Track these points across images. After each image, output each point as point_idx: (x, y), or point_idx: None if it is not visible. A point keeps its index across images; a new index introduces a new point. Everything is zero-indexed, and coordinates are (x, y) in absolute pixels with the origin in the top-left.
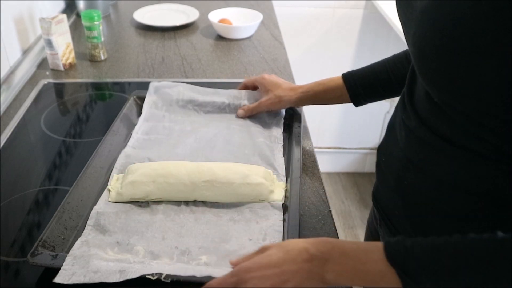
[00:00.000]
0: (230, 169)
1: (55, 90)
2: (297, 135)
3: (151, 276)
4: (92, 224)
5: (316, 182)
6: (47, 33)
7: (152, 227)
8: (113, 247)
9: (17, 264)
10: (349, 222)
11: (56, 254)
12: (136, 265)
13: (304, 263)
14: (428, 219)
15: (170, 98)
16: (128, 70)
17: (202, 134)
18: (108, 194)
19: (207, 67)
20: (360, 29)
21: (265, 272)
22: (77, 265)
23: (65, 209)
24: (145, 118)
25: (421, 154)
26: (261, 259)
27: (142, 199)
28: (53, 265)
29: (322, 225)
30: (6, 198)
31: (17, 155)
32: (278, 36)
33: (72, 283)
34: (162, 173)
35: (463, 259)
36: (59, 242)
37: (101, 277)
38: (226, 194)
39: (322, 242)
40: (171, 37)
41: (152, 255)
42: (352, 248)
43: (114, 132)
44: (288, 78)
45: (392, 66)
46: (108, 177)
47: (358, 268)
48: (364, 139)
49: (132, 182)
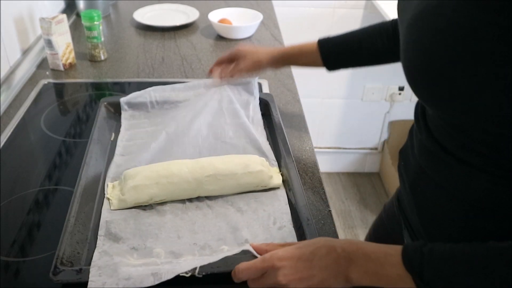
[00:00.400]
0: (229, 161)
1: (55, 90)
2: (277, 120)
3: (185, 274)
4: (103, 234)
5: (316, 182)
6: (47, 33)
7: (164, 228)
8: (132, 254)
9: (17, 264)
10: (349, 222)
11: (80, 269)
12: (166, 265)
13: (332, 261)
14: (439, 227)
15: (145, 104)
16: (128, 70)
17: (182, 122)
18: (108, 203)
19: (207, 67)
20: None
21: (297, 263)
22: (105, 275)
23: (71, 223)
24: (126, 129)
25: (431, 164)
26: (294, 250)
27: (146, 203)
28: (80, 279)
29: (322, 225)
30: (6, 198)
31: (17, 155)
32: (278, 36)
33: None
34: (164, 173)
35: (480, 267)
36: (74, 257)
37: (135, 283)
38: (230, 186)
39: (348, 243)
40: (171, 37)
41: (174, 255)
42: (374, 250)
43: (96, 141)
44: (288, 78)
45: (366, 39)
46: (102, 186)
47: (378, 271)
48: (364, 139)
49: (135, 187)
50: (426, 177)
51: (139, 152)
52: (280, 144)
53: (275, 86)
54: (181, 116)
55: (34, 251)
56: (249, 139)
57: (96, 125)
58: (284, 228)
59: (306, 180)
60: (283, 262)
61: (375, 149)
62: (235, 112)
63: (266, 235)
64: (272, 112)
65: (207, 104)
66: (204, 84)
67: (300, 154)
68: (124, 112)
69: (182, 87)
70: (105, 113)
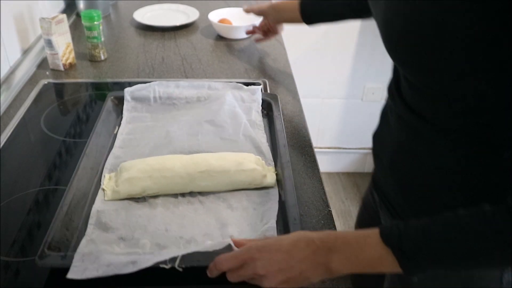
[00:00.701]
0: (223, 158)
1: (55, 90)
2: (279, 120)
3: (165, 265)
4: (93, 222)
5: (316, 182)
6: (47, 33)
7: (153, 221)
8: (119, 243)
9: (17, 264)
10: (349, 222)
11: (64, 255)
12: (147, 255)
13: (311, 252)
14: (422, 198)
15: (148, 98)
16: (128, 70)
17: (184, 122)
18: (103, 194)
19: (207, 67)
20: (360, 29)
21: (275, 255)
22: (87, 261)
23: (63, 211)
24: (127, 122)
25: (410, 137)
26: (273, 242)
27: (139, 195)
28: (63, 265)
29: (322, 225)
30: (6, 198)
31: (17, 155)
32: (278, 36)
33: (86, 277)
34: (158, 167)
35: (454, 234)
36: (63, 244)
37: (114, 270)
38: (222, 182)
39: (326, 234)
40: (171, 37)
41: (159, 247)
42: (353, 235)
43: (98, 133)
44: (288, 78)
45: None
46: (99, 177)
47: (358, 255)
48: (364, 139)
49: (129, 179)
50: (405, 151)
51: (138, 146)
52: (278, 143)
53: (275, 86)
54: (182, 116)
55: (34, 251)
56: (249, 138)
57: (100, 119)
58: (269, 227)
59: (306, 180)
60: (262, 254)
61: None
62: (237, 115)
63: (252, 232)
64: (274, 112)
65: (209, 108)
66: (208, 86)
67: (300, 154)
68: (126, 103)
69: (187, 85)
70: (111, 107)
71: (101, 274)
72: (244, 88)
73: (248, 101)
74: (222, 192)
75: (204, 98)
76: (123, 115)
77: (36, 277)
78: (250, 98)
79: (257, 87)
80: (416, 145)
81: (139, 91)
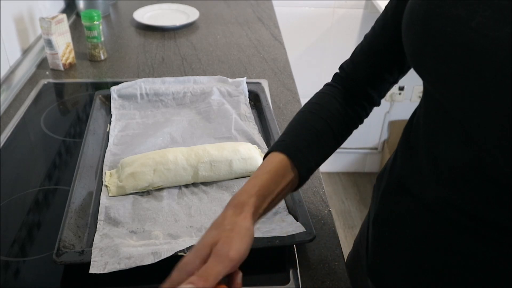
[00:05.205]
0: (222, 148)
1: (55, 90)
2: (268, 109)
3: (184, 253)
4: (103, 218)
5: (316, 182)
6: (47, 33)
7: (161, 212)
8: (132, 236)
9: (17, 264)
10: (349, 222)
11: (82, 250)
12: (165, 245)
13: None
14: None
15: (135, 95)
16: (128, 70)
17: (177, 121)
18: (106, 190)
19: (207, 67)
20: (360, 29)
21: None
22: (106, 255)
23: (71, 209)
24: (116, 119)
25: None
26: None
27: (144, 189)
28: (82, 260)
29: (322, 225)
30: (6, 198)
31: (17, 155)
32: (278, 36)
33: (108, 271)
34: (160, 161)
35: None
36: (76, 241)
37: (136, 262)
38: (224, 172)
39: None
40: (171, 37)
41: (172, 237)
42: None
43: (92, 131)
44: (288, 78)
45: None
46: (99, 175)
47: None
48: (364, 139)
49: (132, 174)
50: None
51: (131, 143)
52: (271, 131)
53: (275, 86)
54: (172, 116)
55: (34, 251)
56: (241, 132)
57: (92, 117)
58: (279, 215)
59: None
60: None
61: (375, 149)
62: (226, 112)
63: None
64: (262, 103)
65: (199, 110)
66: (194, 80)
67: None
68: (113, 101)
69: (172, 81)
70: (100, 105)
71: (123, 267)
72: (229, 81)
73: (235, 94)
74: (225, 181)
75: (191, 94)
76: (112, 113)
77: (36, 277)
78: (236, 91)
79: (241, 79)
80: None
81: (126, 89)
